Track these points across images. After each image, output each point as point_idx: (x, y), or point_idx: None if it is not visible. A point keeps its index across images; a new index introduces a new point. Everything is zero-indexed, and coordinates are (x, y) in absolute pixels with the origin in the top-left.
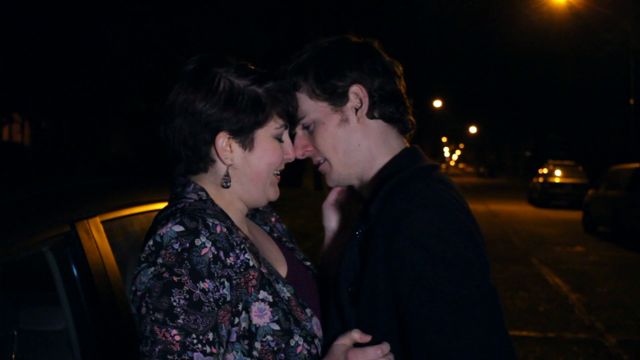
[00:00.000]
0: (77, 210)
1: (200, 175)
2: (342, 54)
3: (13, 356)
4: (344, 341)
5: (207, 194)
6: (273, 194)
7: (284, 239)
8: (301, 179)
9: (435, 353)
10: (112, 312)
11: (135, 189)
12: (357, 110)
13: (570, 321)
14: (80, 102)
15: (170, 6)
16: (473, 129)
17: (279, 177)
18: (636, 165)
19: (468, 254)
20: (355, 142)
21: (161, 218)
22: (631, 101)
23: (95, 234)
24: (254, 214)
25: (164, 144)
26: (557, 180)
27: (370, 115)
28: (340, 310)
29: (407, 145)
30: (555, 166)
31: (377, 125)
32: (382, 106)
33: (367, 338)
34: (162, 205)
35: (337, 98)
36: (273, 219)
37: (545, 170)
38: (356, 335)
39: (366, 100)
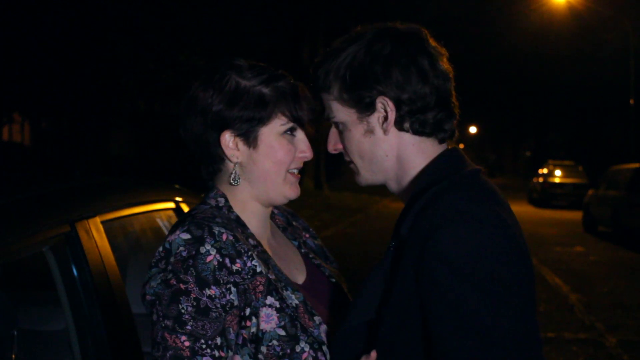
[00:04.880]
0: (77, 210)
1: (218, 175)
2: (373, 59)
3: (13, 356)
4: None
5: (226, 200)
6: (290, 192)
7: (310, 255)
8: (301, 179)
9: None
10: (112, 312)
11: (135, 189)
12: (382, 122)
13: (570, 321)
14: (80, 102)
15: (170, 6)
16: (473, 129)
17: (298, 175)
18: (636, 165)
19: (503, 275)
20: (381, 153)
21: (174, 224)
22: (631, 101)
23: (95, 234)
24: (286, 227)
25: (186, 145)
26: (557, 180)
27: (399, 127)
28: (361, 329)
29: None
30: (555, 166)
31: (409, 136)
32: (412, 119)
33: (373, 356)
34: (162, 205)
35: (363, 107)
36: (307, 235)
37: (545, 170)
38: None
39: (392, 114)
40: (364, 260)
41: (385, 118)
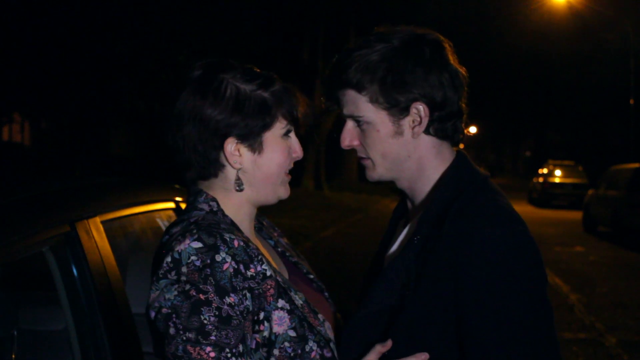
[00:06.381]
0: (77, 210)
1: (211, 180)
2: (413, 63)
3: (13, 356)
4: (370, 357)
5: (218, 204)
6: (284, 192)
7: (287, 253)
8: (301, 179)
9: None
10: (112, 312)
11: (135, 189)
12: (414, 126)
13: (570, 321)
14: (80, 102)
15: (169, 6)
16: (473, 129)
17: (289, 175)
18: (636, 165)
19: (534, 272)
20: (405, 153)
21: (176, 233)
22: (631, 101)
23: (95, 234)
24: (261, 227)
25: (173, 151)
26: (557, 180)
27: (426, 131)
28: (380, 316)
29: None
30: (555, 166)
31: (431, 139)
32: (440, 124)
33: (389, 344)
34: (162, 205)
35: (397, 111)
36: (276, 234)
37: (545, 170)
38: (379, 347)
39: (426, 120)
40: (364, 260)
41: (419, 122)
